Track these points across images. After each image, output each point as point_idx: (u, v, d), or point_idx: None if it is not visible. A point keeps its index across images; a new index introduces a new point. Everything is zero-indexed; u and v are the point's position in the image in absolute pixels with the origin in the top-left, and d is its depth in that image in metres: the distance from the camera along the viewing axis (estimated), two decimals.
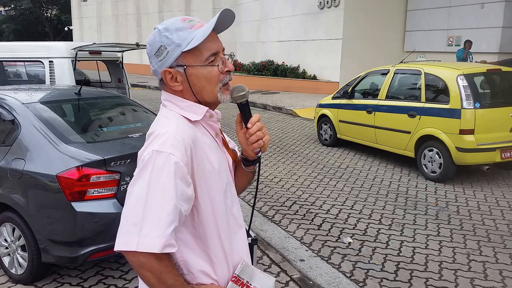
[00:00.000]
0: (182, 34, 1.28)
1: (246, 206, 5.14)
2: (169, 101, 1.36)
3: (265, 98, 14.42)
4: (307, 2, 15.83)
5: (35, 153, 3.32)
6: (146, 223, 1.16)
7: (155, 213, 1.17)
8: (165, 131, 1.25)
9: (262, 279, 1.43)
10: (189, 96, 1.34)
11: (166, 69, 1.30)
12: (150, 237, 1.16)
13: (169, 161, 1.20)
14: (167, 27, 1.29)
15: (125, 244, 1.17)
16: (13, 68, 7.42)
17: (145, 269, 1.18)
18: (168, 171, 1.19)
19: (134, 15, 27.09)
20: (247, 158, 1.47)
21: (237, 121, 1.43)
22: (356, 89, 7.70)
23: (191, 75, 1.31)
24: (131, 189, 1.22)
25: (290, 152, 7.83)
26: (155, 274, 1.19)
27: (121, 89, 7.78)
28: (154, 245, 1.16)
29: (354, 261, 3.93)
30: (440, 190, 5.81)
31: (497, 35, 12.25)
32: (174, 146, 1.22)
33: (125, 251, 1.18)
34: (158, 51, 1.30)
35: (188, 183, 1.23)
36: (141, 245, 1.15)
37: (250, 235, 3.15)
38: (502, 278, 3.62)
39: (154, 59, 1.32)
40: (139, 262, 1.18)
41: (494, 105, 5.95)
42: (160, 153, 1.20)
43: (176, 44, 1.28)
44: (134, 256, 1.17)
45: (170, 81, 1.32)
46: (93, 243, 3.16)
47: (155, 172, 1.19)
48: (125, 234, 1.18)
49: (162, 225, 1.17)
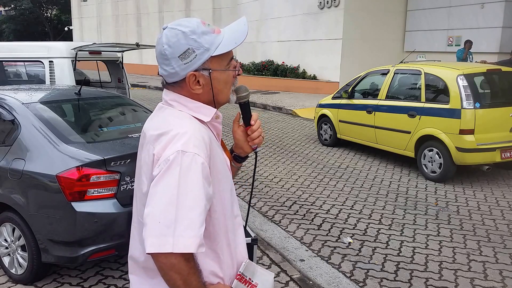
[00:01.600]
0: (209, 38, 1.30)
1: (242, 203, 5.14)
2: (177, 101, 1.36)
3: (265, 98, 14.42)
4: (307, 2, 15.83)
5: (35, 153, 3.32)
6: (180, 223, 1.17)
7: (188, 214, 1.18)
8: (185, 131, 1.25)
9: (263, 276, 1.46)
10: (203, 98, 1.36)
11: (193, 73, 1.30)
12: (184, 237, 1.16)
13: (195, 161, 1.21)
14: (193, 30, 1.29)
15: (159, 246, 1.16)
16: (13, 68, 7.42)
17: (174, 271, 1.18)
18: (195, 171, 1.20)
19: (134, 15, 27.08)
20: (239, 155, 1.57)
21: (235, 119, 1.49)
22: (356, 89, 7.70)
23: (214, 78, 1.33)
24: (155, 189, 1.21)
25: (290, 152, 7.83)
26: (183, 276, 1.19)
27: (121, 89, 7.77)
28: (190, 245, 1.16)
29: (354, 261, 3.93)
30: (440, 190, 5.81)
31: (497, 35, 12.25)
32: (197, 147, 1.23)
33: (158, 253, 1.17)
34: (185, 53, 1.28)
35: (209, 183, 1.26)
36: (176, 246, 1.15)
37: (250, 235, 3.14)
38: (502, 278, 3.63)
39: (177, 61, 1.29)
40: (170, 263, 1.17)
41: (494, 105, 5.95)
42: (185, 153, 1.20)
43: (205, 48, 1.29)
44: (166, 258, 1.17)
45: (193, 84, 1.32)
46: (93, 243, 3.16)
47: (183, 172, 1.19)
48: (158, 236, 1.17)
49: (195, 225, 1.18)
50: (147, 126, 1.40)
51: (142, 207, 1.31)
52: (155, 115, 1.42)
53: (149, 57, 23.58)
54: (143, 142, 1.39)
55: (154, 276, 1.34)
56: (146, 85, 19.32)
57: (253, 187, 1.56)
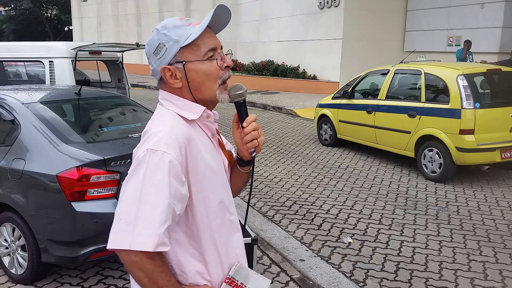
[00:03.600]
0: (179, 31, 1.29)
1: (242, 203, 5.14)
2: (166, 99, 1.35)
3: (265, 98, 14.42)
4: (307, 2, 15.83)
5: (35, 153, 3.32)
6: (140, 221, 1.16)
7: (149, 212, 1.17)
8: (159, 129, 1.25)
9: (257, 281, 1.42)
10: (187, 94, 1.33)
11: (166, 66, 1.30)
12: (143, 235, 1.16)
13: (163, 159, 1.20)
14: (164, 26, 1.31)
15: (118, 243, 1.18)
16: (13, 68, 7.42)
17: (137, 268, 1.18)
18: (162, 170, 1.19)
19: (134, 15, 27.09)
20: (242, 159, 1.46)
21: (233, 120, 1.43)
22: (356, 89, 7.70)
23: (190, 70, 1.30)
24: (124, 187, 1.22)
25: (290, 152, 7.83)
26: (147, 274, 1.19)
27: (121, 89, 7.77)
28: (147, 243, 1.16)
29: (354, 261, 3.93)
30: (440, 190, 5.81)
31: (497, 35, 12.25)
32: (168, 145, 1.22)
33: (118, 250, 1.18)
34: (157, 49, 1.30)
35: (182, 182, 1.23)
36: (134, 243, 1.16)
37: (250, 235, 3.14)
38: (502, 278, 3.63)
39: (153, 58, 1.32)
40: (132, 260, 1.18)
41: (494, 105, 5.95)
42: (154, 151, 1.20)
43: (175, 40, 1.28)
44: (127, 255, 1.17)
45: (170, 78, 1.32)
46: (93, 243, 3.16)
47: (149, 171, 1.19)
48: (118, 232, 1.18)
49: (155, 224, 1.17)
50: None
51: None
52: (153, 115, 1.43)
53: None
54: None
55: None
56: (146, 85, 19.32)
57: (251, 187, 1.52)
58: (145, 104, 5.15)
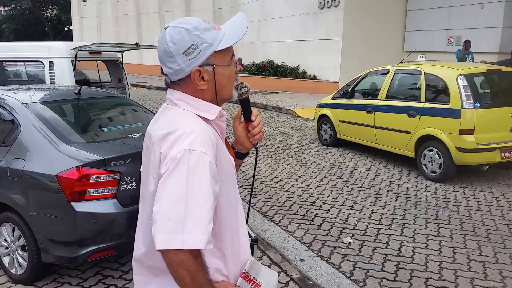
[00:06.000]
0: (211, 34, 1.33)
1: (243, 203, 5.14)
2: (183, 100, 1.37)
3: (265, 98, 14.42)
4: (307, 2, 15.83)
5: (35, 153, 3.32)
6: (189, 220, 1.18)
7: (197, 211, 1.19)
8: (191, 130, 1.27)
9: (267, 275, 1.48)
10: (209, 95, 1.37)
11: (197, 68, 1.32)
12: (193, 234, 1.18)
13: (203, 159, 1.23)
14: (196, 27, 1.31)
15: (169, 242, 1.18)
16: (13, 68, 7.42)
17: (182, 268, 1.19)
18: (203, 169, 1.22)
19: (134, 15, 27.06)
20: (240, 152, 1.58)
21: (236, 116, 1.52)
22: (356, 89, 7.70)
23: (218, 73, 1.35)
24: (163, 187, 1.22)
25: (290, 152, 7.83)
26: (191, 272, 1.20)
27: (121, 89, 7.77)
28: (198, 242, 1.18)
29: (354, 261, 3.93)
30: (440, 190, 5.81)
31: (497, 35, 12.25)
32: (204, 145, 1.25)
33: (167, 250, 1.19)
34: (189, 49, 1.31)
35: (216, 182, 1.28)
36: (186, 242, 1.17)
37: (250, 235, 3.14)
38: (502, 278, 3.63)
39: (182, 58, 1.32)
40: (179, 260, 1.19)
41: (494, 105, 5.95)
42: (192, 151, 1.22)
43: (209, 44, 1.32)
44: (175, 254, 1.18)
45: (198, 80, 1.34)
46: (93, 243, 3.16)
47: (191, 171, 1.21)
48: (168, 233, 1.18)
49: (204, 222, 1.20)
50: (153, 127, 1.41)
51: (149, 207, 1.32)
52: (160, 115, 1.42)
53: (149, 57, 23.57)
54: (148, 143, 1.40)
55: (158, 274, 1.36)
56: (146, 85, 19.32)
57: (253, 186, 1.56)
58: (145, 104, 5.15)
